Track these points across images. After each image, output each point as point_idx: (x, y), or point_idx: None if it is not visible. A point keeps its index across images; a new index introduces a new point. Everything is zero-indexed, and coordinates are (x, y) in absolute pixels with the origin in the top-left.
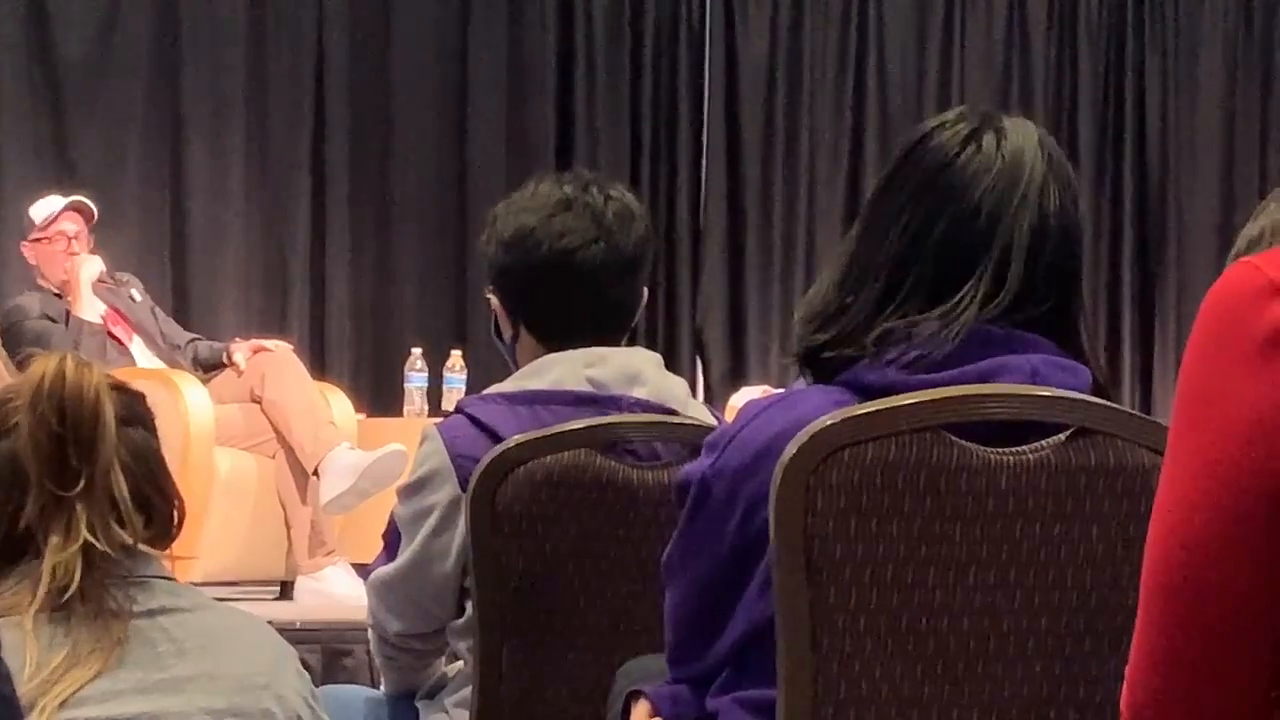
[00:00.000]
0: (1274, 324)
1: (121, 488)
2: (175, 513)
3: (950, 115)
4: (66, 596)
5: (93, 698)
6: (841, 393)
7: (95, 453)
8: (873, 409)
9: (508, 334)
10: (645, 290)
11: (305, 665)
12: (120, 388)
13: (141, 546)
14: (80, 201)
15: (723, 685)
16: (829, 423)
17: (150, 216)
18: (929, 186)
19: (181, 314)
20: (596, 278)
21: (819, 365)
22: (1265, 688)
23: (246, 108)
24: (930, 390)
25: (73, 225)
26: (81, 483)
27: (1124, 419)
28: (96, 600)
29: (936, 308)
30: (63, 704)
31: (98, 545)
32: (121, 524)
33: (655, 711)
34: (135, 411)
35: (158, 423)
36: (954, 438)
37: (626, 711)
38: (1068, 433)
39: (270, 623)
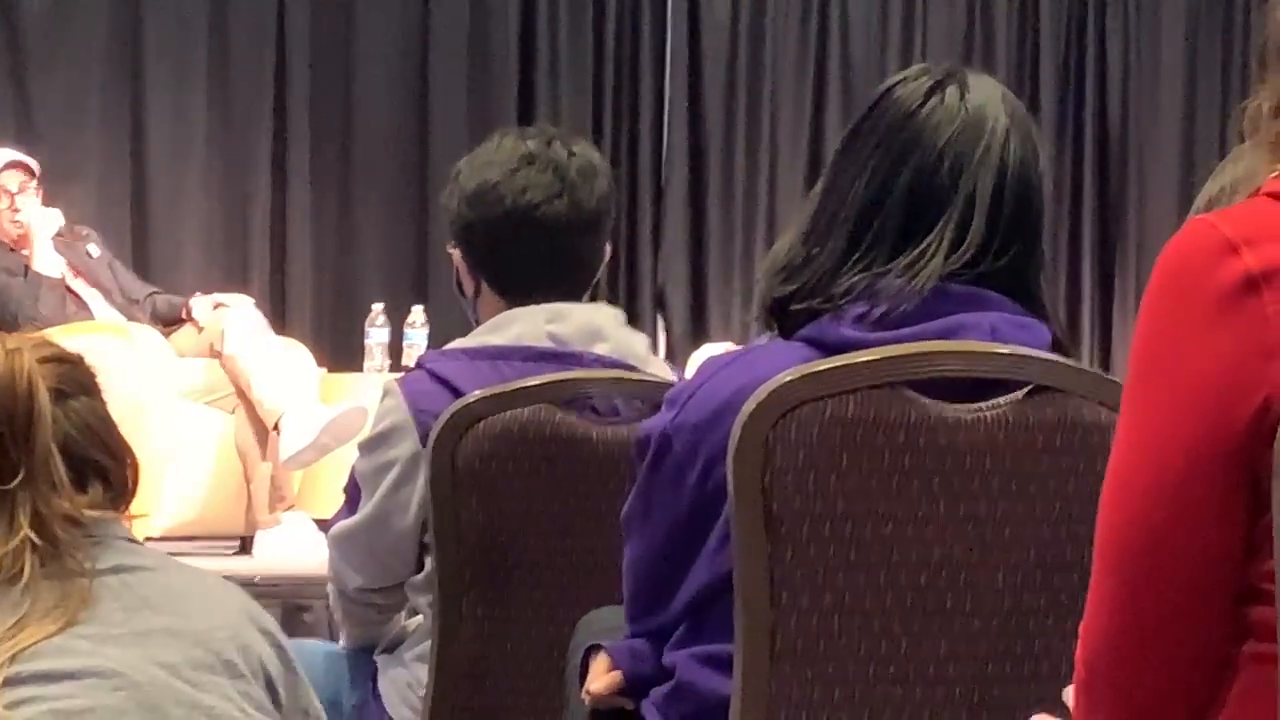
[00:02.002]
0: (1230, 280)
1: (60, 470)
2: (129, 471)
3: (913, 70)
4: (23, 577)
5: (46, 652)
6: (803, 349)
7: (33, 442)
8: (831, 365)
9: (469, 289)
10: (607, 247)
11: None
12: (54, 359)
13: (90, 513)
14: (17, 160)
15: (680, 639)
16: (788, 379)
17: (111, 170)
18: (893, 136)
19: (142, 268)
20: (559, 232)
21: (784, 318)
22: (1220, 644)
23: (208, 61)
24: (888, 347)
25: (14, 182)
26: (21, 474)
27: (1081, 376)
28: (56, 563)
29: (901, 257)
30: (13, 658)
31: (39, 541)
32: (67, 499)
33: (614, 665)
34: (74, 380)
35: (117, 377)
36: (912, 394)
37: (585, 665)
38: (1025, 390)
39: (229, 578)
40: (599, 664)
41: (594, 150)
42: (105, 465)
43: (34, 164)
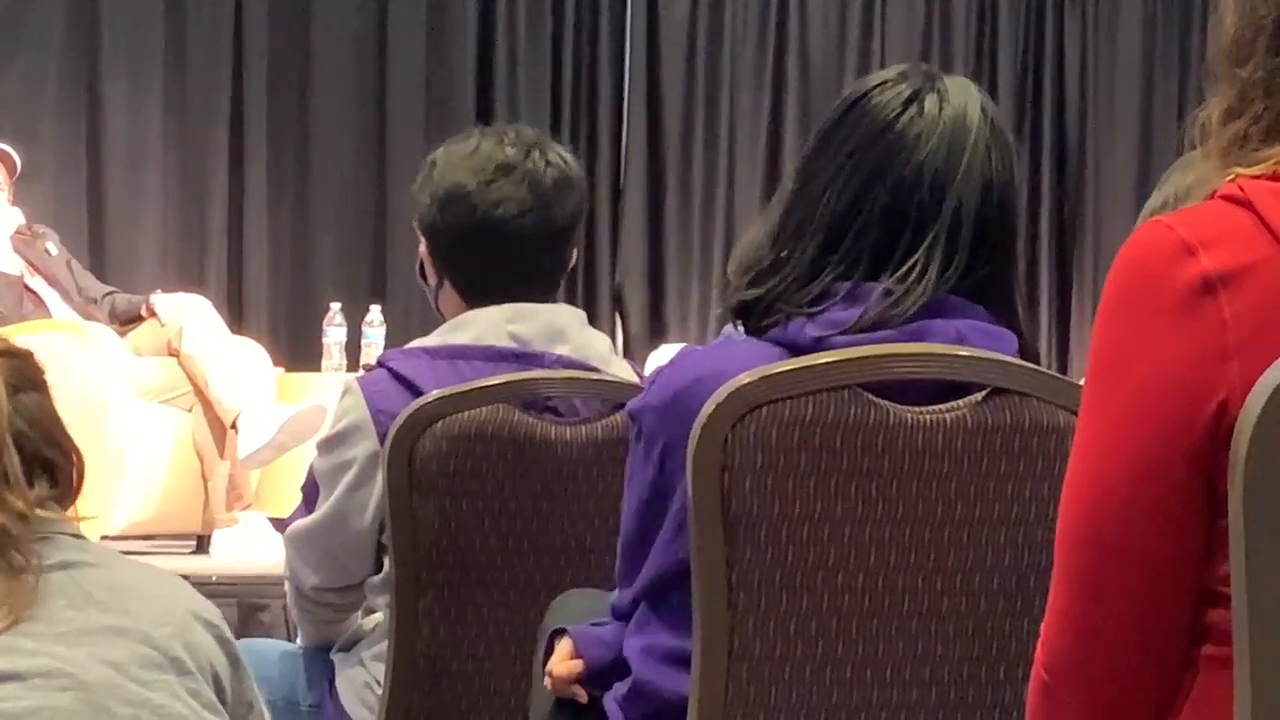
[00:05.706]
0: (1188, 282)
1: (13, 461)
2: (75, 469)
3: (891, 74)
4: None
5: None
6: (772, 349)
7: None
8: (788, 367)
9: (433, 280)
10: (574, 253)
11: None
12: (5, 353)
13: (40, 512)
14: (2, 150)
15: (635, 625)
16: (746, 381)
17: (67, 169)
18: (869, 148)
19: (98, 267)
20: (526, 246)
21: (749, 320)
22: (1181, 646)
23: (165, 59)
24: (845, 350)
25: None
26: None
27: (1039, 379)
28: (3, 559)
29: (881, 271)
30: None
31: None
32: (18, 494)
33: (577, 652)
34: (25, 375)
35: (74, 375)
36: (871, 396)
37: (550, 648)
38: (984, 392)
39: (186, 577)
40: (563, 647)
41: (572, 158)
42: (54, 461)
43: (15, 157)
